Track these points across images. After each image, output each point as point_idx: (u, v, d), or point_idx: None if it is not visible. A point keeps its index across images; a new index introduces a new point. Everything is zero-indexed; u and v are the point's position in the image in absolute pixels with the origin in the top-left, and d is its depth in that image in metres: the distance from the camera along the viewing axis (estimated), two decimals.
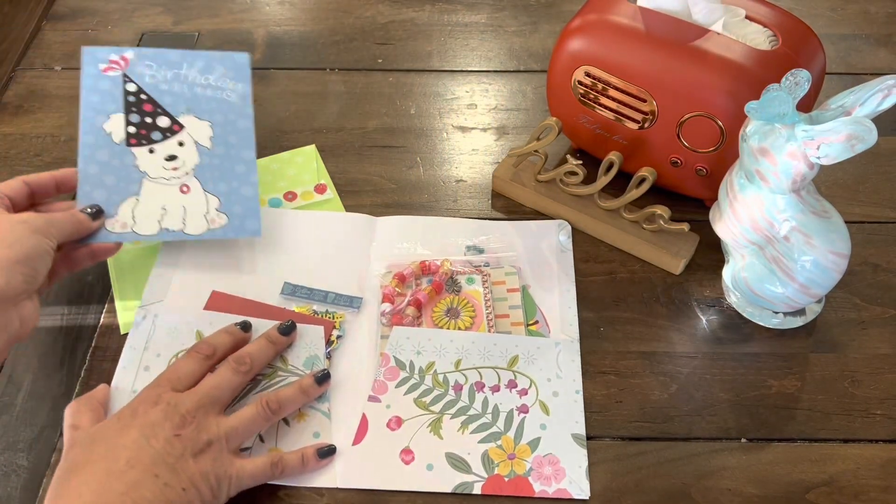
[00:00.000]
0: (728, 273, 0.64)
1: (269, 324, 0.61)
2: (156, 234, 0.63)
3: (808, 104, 0.63)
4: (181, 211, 0.64)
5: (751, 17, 0.65)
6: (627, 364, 0.62)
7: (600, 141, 0.70)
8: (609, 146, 0.69)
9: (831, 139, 0.51)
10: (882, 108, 0.52)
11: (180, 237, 0.63)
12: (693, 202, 0.71)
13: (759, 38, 0.64)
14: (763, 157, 0.54)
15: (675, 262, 0.67)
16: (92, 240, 0.62)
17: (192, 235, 0.63)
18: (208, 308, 0.63)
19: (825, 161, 0.53)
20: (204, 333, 0.61)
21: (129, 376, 0.59)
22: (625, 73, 0.64)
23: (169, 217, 0.64)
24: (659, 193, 0.69)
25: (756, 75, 0.61)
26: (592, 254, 0.69)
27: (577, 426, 0.58)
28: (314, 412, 0.58)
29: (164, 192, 0.65)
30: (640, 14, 0.65)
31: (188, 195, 0.65)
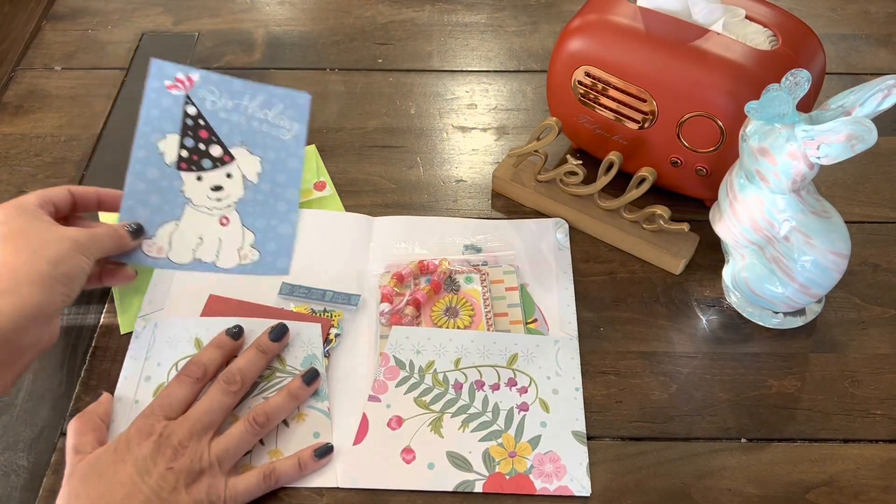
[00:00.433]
0: (728, 273, 0.64)
1: (269, 323, 0.61)
2: (188, 263, 0.63)
3: (808, 104, 0.63)
4: (217, 243, 0.64)
5: (751, 17, 0.65)
6: (627, 364, 0.62)
7: (600, 141, 0.70)
8: (609, 146, 0.69)
9: (831, 139, 0.51)
10: (882, 108, 0.52)
11: (211, 269, 0.63)
12: (693, 202, 0.71)
13: (759, 38, 0.64)
14: (763, 157, 0.54)
15: (675, 262, 0.67)
16: (126, 259, 0.62)
17: (222, 269, 0.63)
18: (206, 312, 0.63)
19: (825, 161, 0.53)
20: (203, 340, 0.61)
21: (132, 386, 0.59)
22: (625, 73, 0.64)
23: (204, 248, 0.64)
24: (659, 193, 0.69)
25: (756, 75, 0.61)
26: (592, 254, 0.69)
27: (577, 423, 0.58)
28: (314, 412, 0.58)
29: (204, 221, 0.64)
30: (640, 14, 0.65)
31: (226, 227, 0.64)
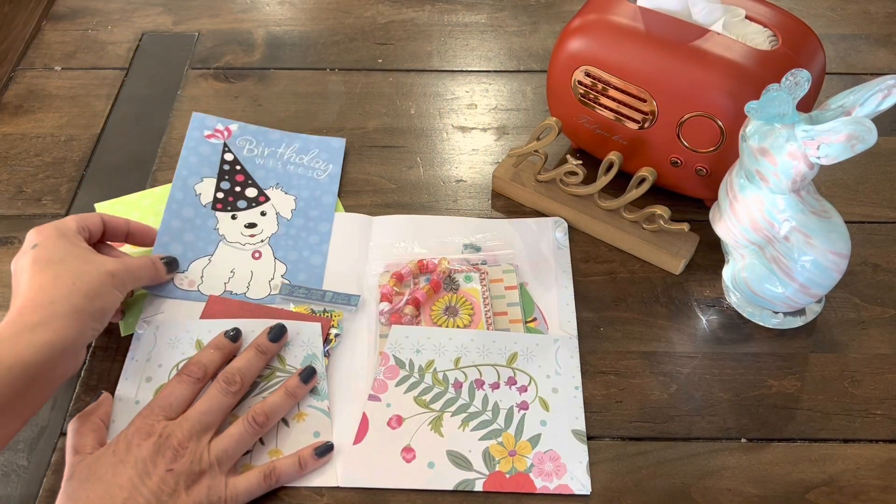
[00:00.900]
0: (728, 273, 0.64)
1: (269, 323, 0.61)
2: (219, 294, 0.64)
3: (808, 104, 0.63)
4: (248, 276, 0.65)
5: (751, 17, 0.65)
6: (627, 364, 0.62)
7: (600, 141, 0.70)
8: (609, 146, 0.69)
9: (831, 139, 0.51)
10: (882, 108, 0.52)
11: (241, 300, 0.64)
12: (693, 202, 0.71)
13: (759, 38, 0.64)
14: (763, 157, 0.54)
15: (675, 262, 0.67)
16: (158, 291, 0.64)
17: (252, 300, 0.64)
18: (206, 313, 0.63)
19: (825, 161, 0.53)
20: (203, 342, 0.61)
21: (132, 387, 0.59)
22: (625, 73, 0.64)
23: (235, 280, 0.65)
24: (659, 193, 0.69)
25: (756, 75, 0.61)
26: (592, 254, 0.69)
27: (577, 422, 0.58)
28: (314, 411, 0.58)
29: (237, 255, 0.66)
30: (640, 14, 0.65)
31: (258, 261, 0.66)
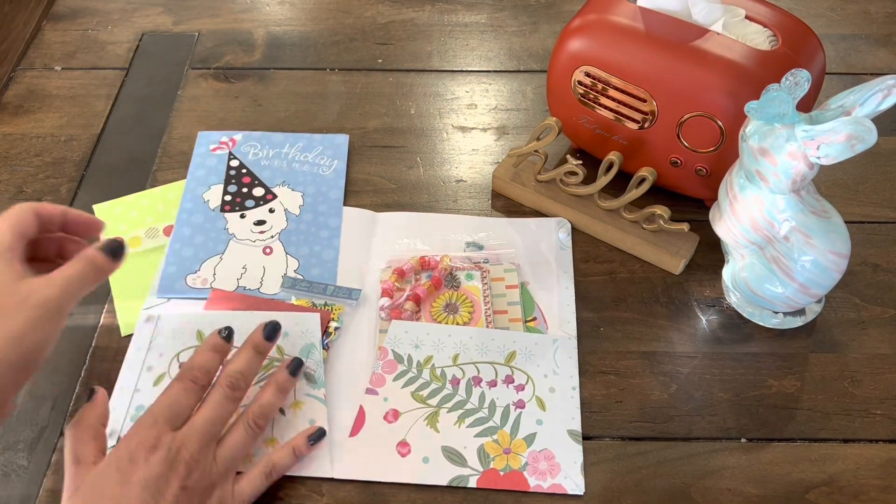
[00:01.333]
0: (728, 273, 0.64)
1: (269, 315, 0.61)
2: (232, 290, 0.65)
3: (808, 104, 0.63)
4: (261, 271, 0.66)
5: (751, 17, 0.65)
6: (627, 364, 0.62)
7: (600, 141, 0.70)
8: (609, 146, 0.69)
9: (831, 139, 0.51)
10: (882, 108, 0.52)
11: (255, 295, 0.65)
12: (693, 202, 0.71)
13: (759, 38, 0.64)
14: (763, 157, 0.54)
15: (675, 262, 0.67)
16: (170, 294, 0.64)
17: (266, 295, 0.65)
18: (209, 305, 0.64)
19: (825, 161, 0.53)
20: (205, 333, 0.61)
21: (133, 376, 0.59)
22: (625, 73, 0.64)
23: (248, 276, 0.66)
24: (659, 193, 0.69)
25: (756, 75, 0.61)
26: (592, 254, 0.69)
27: (573, 422, 0.58)
28: (310, 399, 0.59)
29: (248, 252, 0.67)
30: (640, 14, 0.65)
31: (270, 256, 0.67)
